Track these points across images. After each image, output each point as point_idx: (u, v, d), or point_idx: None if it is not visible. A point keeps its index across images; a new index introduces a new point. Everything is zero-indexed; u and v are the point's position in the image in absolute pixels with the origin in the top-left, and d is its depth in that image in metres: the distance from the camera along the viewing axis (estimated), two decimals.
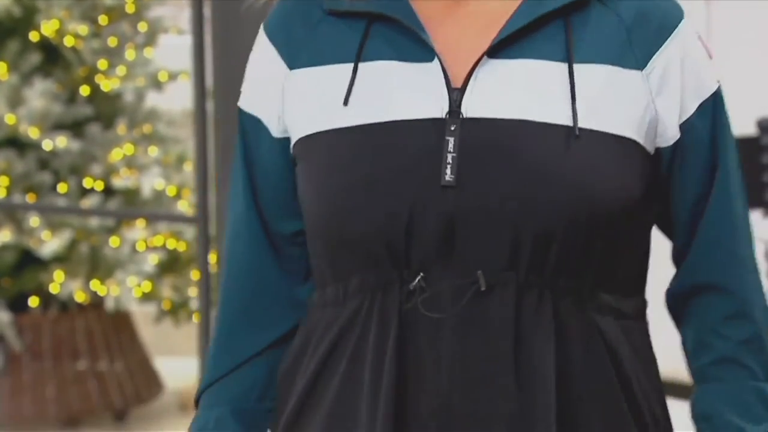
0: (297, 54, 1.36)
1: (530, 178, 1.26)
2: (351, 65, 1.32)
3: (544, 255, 1.26)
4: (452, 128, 1.27)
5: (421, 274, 1.29)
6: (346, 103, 1.31)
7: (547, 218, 1.25)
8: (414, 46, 1.30)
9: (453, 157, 1.27)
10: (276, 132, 1.39)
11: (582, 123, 1.27)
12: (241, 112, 1.43)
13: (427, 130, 1.28)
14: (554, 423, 1.25)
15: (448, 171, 1.27)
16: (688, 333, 1.36)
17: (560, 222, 1.25)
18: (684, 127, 1.31)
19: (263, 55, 1.39)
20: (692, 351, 1.35)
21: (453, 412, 1.27)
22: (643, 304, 1.39)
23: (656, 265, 1.42)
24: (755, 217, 3.95)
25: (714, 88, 1.32)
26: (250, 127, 1.41)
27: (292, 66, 1.36)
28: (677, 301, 1.37)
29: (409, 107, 1.29)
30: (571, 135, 1.26)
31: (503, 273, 1.27)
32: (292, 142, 1.36)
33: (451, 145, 1.27)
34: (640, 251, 1.36)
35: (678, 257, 1.37)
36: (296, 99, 1.35)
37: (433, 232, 1.27)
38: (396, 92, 1.30)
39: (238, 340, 1.41)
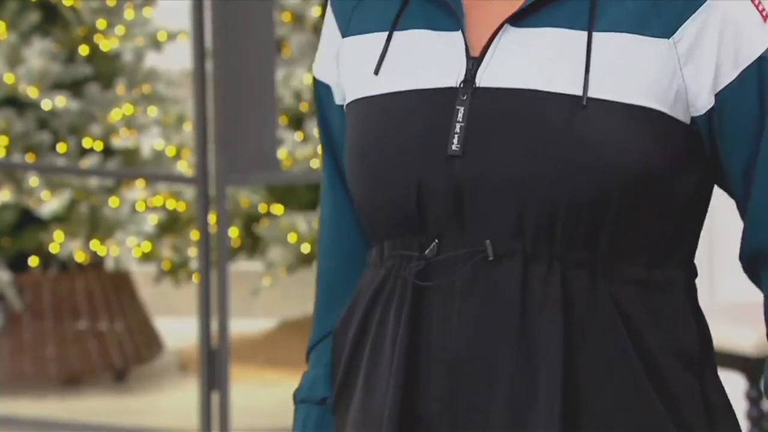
0: (348, 22, 1.38)
1: (535, 149, 1.26)
2: (387, 34, 1.34)
3: (550, 226, 1.26)
4: (463, 97, 1.29)
5: (436, 241, 1.30)
6: (376, 72, 1.33)
7: (550, 190, 1.25)
8: (444, 15, 1.31)
9: (461, 127, 1.28)
10: (337, 99, 1.43)
11: (594, 93, 1.25)
12: (314, 79, 1.46)
13: (440, 99, 1.30)
14: (559, 399, 1.25)
15: (455, 141, 1.28)
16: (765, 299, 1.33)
17: (563, 193, 1.25)
18: (721, 95, 1.27)
19: (327, 22, 1.42)
20: None
21: (460, 383, 1.29)
22: (681, 274, 1.35)
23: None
24: None
25: (760, 52, 1.25)
26: (322, 93, 1.45)
27: (344, 34, 1.39)
28: (747, 266, 1.35)
29: (428, 76, 1.31)
30: (578, 105, 1.25)
31: (511, 243, 1.28)
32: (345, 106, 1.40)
33: (460, 115, 1.28)
34: (675, 220, 1.32)
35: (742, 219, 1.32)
36: (345, 67, 1.39)
37: (443, 202, 1.29)
38: (421, 61, 1.32)
39: (332, 304, 1.45)
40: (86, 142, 5.84)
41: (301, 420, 1.44)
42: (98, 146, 5.84)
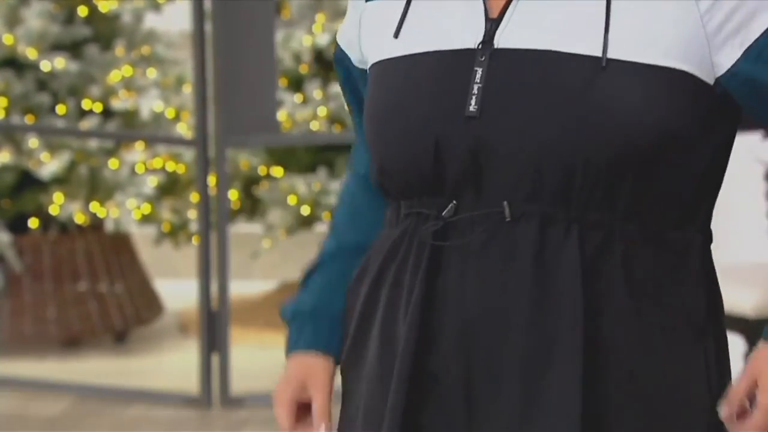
0: None
1: (553, 111, 1.25)
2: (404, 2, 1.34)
3: (567, 188, 1.26)
4: (481, 59, 1.28)
5: (454, 202, 1.30)
6: (396, 35, 1.34)
7: (568, 151, 1.25)
8: None
9: (479, 88, 1.28)
10: (357, 63, 1.44)
11: (614, 53, 1.24)
12: (336, 44, 1.47)
13: (459, 60, 1.30)
14: (580, 361, 1.25)
15: (473, 102, 1.28)
16: None
17: (581, 155, 1.25)
18: (748, 53, 1.24)
19: None
20: None
21: (474, 343, 1.29)
22: (698, 237, 1.34)
23: None
24: (755, 138, 3.95)
25: None
26: (342, 55, 1.46)
27: None
28: None
29: (447, 38, 1.31)
30: (598, 66, 1.24)
31: (527, 205, 1.28)
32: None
33: (478, 76, 1.28)
34: (694, 183, 1.31)
35: None
36: (367, 30, 1.39)
37: (460, 163, 1.30)
38: (440, 24, 1.32)
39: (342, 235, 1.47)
40: (85, 104, 5.83)
41: (297, 329, 1.45)
42: (97, 108, 5.83)
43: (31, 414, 4.85)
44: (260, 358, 5.10)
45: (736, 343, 3.93)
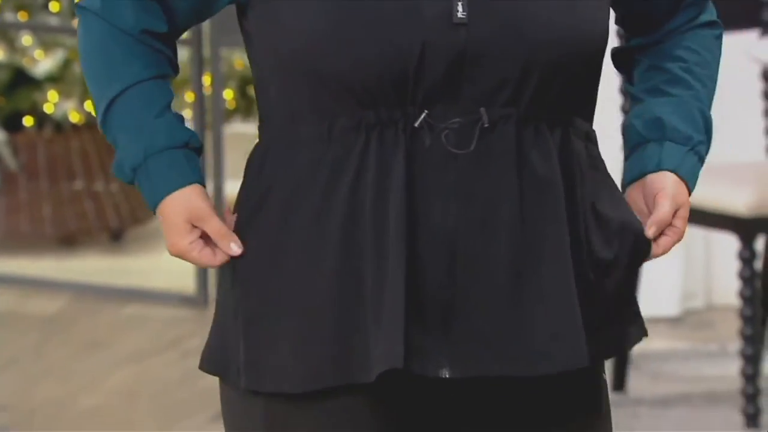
0: None
1: (540, 16, 1.30)
2: None
3: (546, 89, 1.32)
4: None
5: (426, 111, 1.29)
6: None
7: (554, 52, 1.30)
8: None
9: None
10: None
11: None
12: None
13: None
14: (568, 254, 1.31)
15: (460, 8, 1.28)
16: (642, 65, 1.46)
17: (564, 56, 1.31)
18: None
19: None
20: (641, 76, 1.45)
21: (457, 251, 1.30)
22: (595, 132, 1.44)
23: None
24: (751, 37, 3.93)
25: None
26: None
27: None
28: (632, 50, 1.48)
29: None
30: None
31: (504, 109, 1.31)
32: None
33: None
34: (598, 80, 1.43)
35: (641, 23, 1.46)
36: None
37: (442, 69, 1.29)
38: None
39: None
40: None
41: (167, 166, 1.36)
42: None
43: (28, 312, 4.88)
44: None
45: (729, 241, 3.95)
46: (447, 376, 1.30)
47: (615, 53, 1.49)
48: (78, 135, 5.84)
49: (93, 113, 5.74)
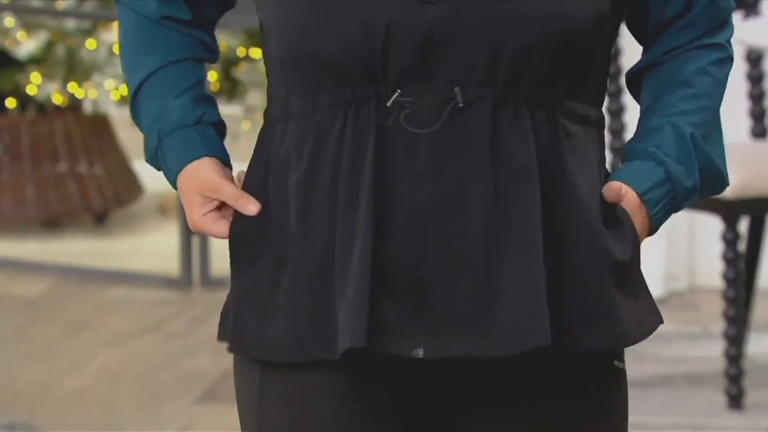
0: None
1: None
2: None
3: (522, 70, 1.30)
4: None
5: (399, 90, 1.30)
6: None
7: (526, 33, 1.29)
8: None
9: None
10: None
11: None
12: None
13: None
14: (540, 236, 1.30)
15: None
16: (645, 88, 1.45)
17: (538, 37, 1.29)
18: None
19: None
20: (643, 99, 1.44)
21: (429, 231, 1.31)
22: (603, 116, 1.44)
23: None
24: (735, 19, 3.93)
25: None
26: None
27: None
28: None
29: None
30: None
31: (480, 89, 1.30)
32: None
33: None
34: (606, 65, 1.43)
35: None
36: None
37: (410, 49, 1.29)
38: None
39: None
40: None
41: (178, 144, 1.42)
42: None
43: (11, 294, 4.87)
44: None
45: (713, 223, 3.96)
46: (421, 356, 1.30)
47: (627, 77, 1.47)
48: (61, 117, 5.82)
49: (76, 95, 5.74)
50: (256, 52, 6.02)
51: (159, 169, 1.47)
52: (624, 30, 1.48)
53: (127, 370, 4.13)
